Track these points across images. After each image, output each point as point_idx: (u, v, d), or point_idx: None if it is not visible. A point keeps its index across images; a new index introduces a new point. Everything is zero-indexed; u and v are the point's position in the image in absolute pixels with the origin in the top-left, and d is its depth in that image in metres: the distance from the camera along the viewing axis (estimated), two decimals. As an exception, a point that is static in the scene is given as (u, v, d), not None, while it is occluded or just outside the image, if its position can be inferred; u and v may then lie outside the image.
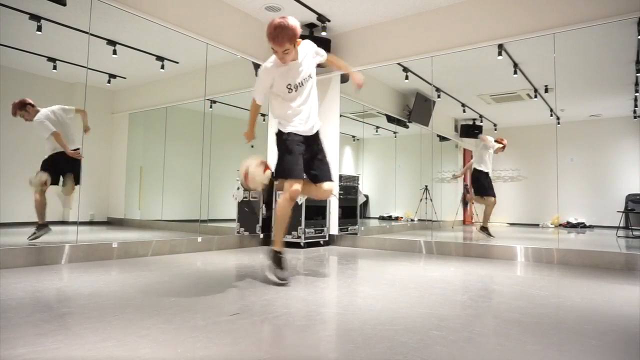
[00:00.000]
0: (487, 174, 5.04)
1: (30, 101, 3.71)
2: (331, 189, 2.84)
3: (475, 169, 5.07)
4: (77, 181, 3.86)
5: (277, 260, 2.66)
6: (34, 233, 3.58)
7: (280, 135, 2.78)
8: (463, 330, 1.68)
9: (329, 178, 2.84)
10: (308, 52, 2.81)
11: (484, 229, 4.88)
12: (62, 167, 3.81)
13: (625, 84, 4.90)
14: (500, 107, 5.88)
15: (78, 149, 3.84)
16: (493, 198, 4.97)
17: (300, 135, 2.74)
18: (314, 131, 2.83)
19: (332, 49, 5.41)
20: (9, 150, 3.86)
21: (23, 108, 3.68)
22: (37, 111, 3.74)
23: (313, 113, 2.83)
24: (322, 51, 2.98)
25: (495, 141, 5.16)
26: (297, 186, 2.62)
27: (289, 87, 2.71)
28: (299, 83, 2.74)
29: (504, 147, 5.10)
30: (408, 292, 2.45)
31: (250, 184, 2.73)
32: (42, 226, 3.65)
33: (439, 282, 2.80)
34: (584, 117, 5.58)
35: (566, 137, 4.91)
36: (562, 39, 4.05)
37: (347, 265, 3.65)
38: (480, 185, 5.03)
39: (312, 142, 2.81)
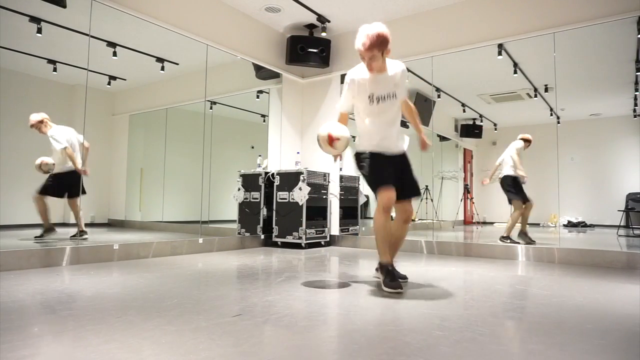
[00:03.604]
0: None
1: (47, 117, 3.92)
2: (411, 209, 2.73)
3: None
4: (78, 193, 3.99)
5: (386, 272, 2.54)
6: (41, 235, 3.78)
7: (361, 155, 2.70)
8: (466, 330, 1.68)
9: (412, 195, 2.73)
10: (399, 72, 2.67)
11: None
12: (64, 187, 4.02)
13: (625, 82, 4.90)
14: (500, 107, 5.88)
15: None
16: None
17: (382, 154, 2.66)
18: (396, 152, 2.71)
19: (332, 50, 5.42)
20: (9, 153, 3.85)
21: (37, 122, 3.86)
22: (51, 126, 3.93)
23: (391, 135, 2.70)
24: (406, 88, 2.78)
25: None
26: (388, 194, 2.50)
27: (370, 97, 2.63)
28: (382, 96, 2.63)
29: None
30: (410, 292, 2.45)
31: (337, 146, 2.60)
32: (49, 229, 3.82)
33: (441, 282, 2.80)
34: (584, 116, 5.58)
35: (566, 137, 4.91)
36: (562, 38, 4.06)
37: (348, 265, 3.65)
38: None
39: (397, 160, 2.71)
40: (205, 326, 1.69)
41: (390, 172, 2.60)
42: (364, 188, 5.70)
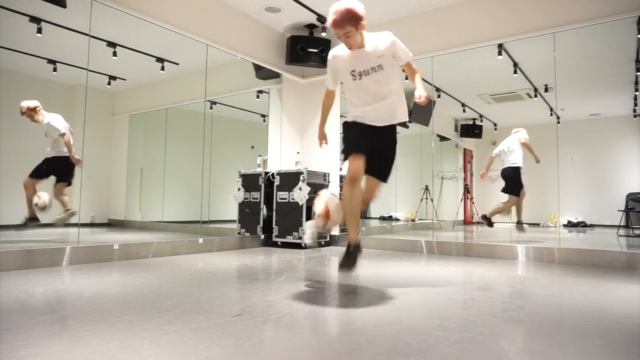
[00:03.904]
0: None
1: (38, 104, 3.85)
2: (375, 190, 2.61)
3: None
4: (70, 181, 3.95)
5: (347, 250, 2.47)
6: (24, 223, 3.73)
7: (345, 125, 2.67)
8: (466, 330, 1.68)
9: (379, 176, 2.62)
10: (381, 43, 2.53)
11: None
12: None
13: (625, 82, 4.90)
14: (500, 107, 5.88)
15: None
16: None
17: (361, 124, 2.57)
18: (384, 123, 2.59)
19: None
20: (9, 153, 3.85)
21: (30, 110, 3.79)
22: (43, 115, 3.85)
23: (384, 104, 2.57)
24: (404, 52, 2.58)
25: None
26: (354, 164, 2.41)
27: (352, 73, 2.55)
28: (365, 71, 2.52)
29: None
30: (410, 292, 2.45)
31: (332, 222, 2.55)
32: (33, 218, 3.76)
33: (441, 282, 2.80)
34: (584, 116, 5.58)
35: (566, 137, 4.91)
36: (562, 38, 4.06)
37: (348, 265, 3.65)
38: None
39: (379, 134, 2.57)
40: (205, 326, 1.69)
41: (363, 142, 2.52)
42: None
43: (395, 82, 2.59)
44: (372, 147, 2.53)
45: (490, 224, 4.57)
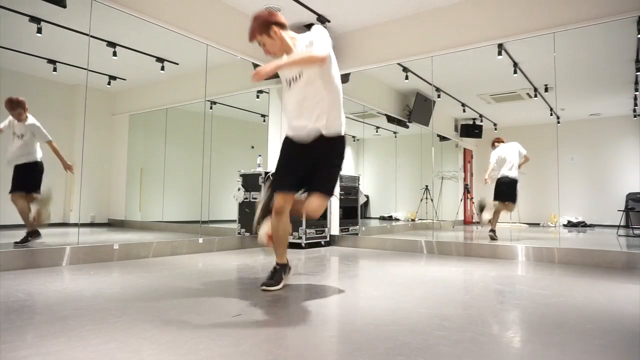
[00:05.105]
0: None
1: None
2: (316, 207, 2.36)
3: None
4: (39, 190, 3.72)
5: (272, 269, 2.56)
6: (25, 237, 3.57)
7: (284, 139, 2.51)
8: (466, 330, 1.68)
9: (317, 189, 2.38)
10: (302, 45, 2.32)
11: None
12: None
13: (625, 82, 4.91)
14: (500, 107, 5.88)
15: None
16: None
17: (295, 141, 2.41)
18: (315, 134, 2.35)
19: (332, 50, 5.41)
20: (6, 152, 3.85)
21: (22, 106, 3.60)
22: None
23: (312, 114, 2.32)
24: (316, 45, 2.23)
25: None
26: (280, 200, 2.37)
27: (286, 81, 2.39)
28: (293, 78, 2.33)
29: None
30: (410, 292, 2.45)
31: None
32: (33, 232, 3.61)
33: (441, 282, 2.80)
34: (584, 116, 5.59)
35: (566, 136, 4.92)
36: (562, 38, 4.06)
37: (348, 265, 3.65)
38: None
39: (314, 148, 2.37)
40: (205, 326, 1.69)
41: (292, 170, 2.41)
42: (364, 188, 5.71)
43: (324, 91, 2.31)
44: (306, 165, 2.40)
45: (495, 237, 4.69)
